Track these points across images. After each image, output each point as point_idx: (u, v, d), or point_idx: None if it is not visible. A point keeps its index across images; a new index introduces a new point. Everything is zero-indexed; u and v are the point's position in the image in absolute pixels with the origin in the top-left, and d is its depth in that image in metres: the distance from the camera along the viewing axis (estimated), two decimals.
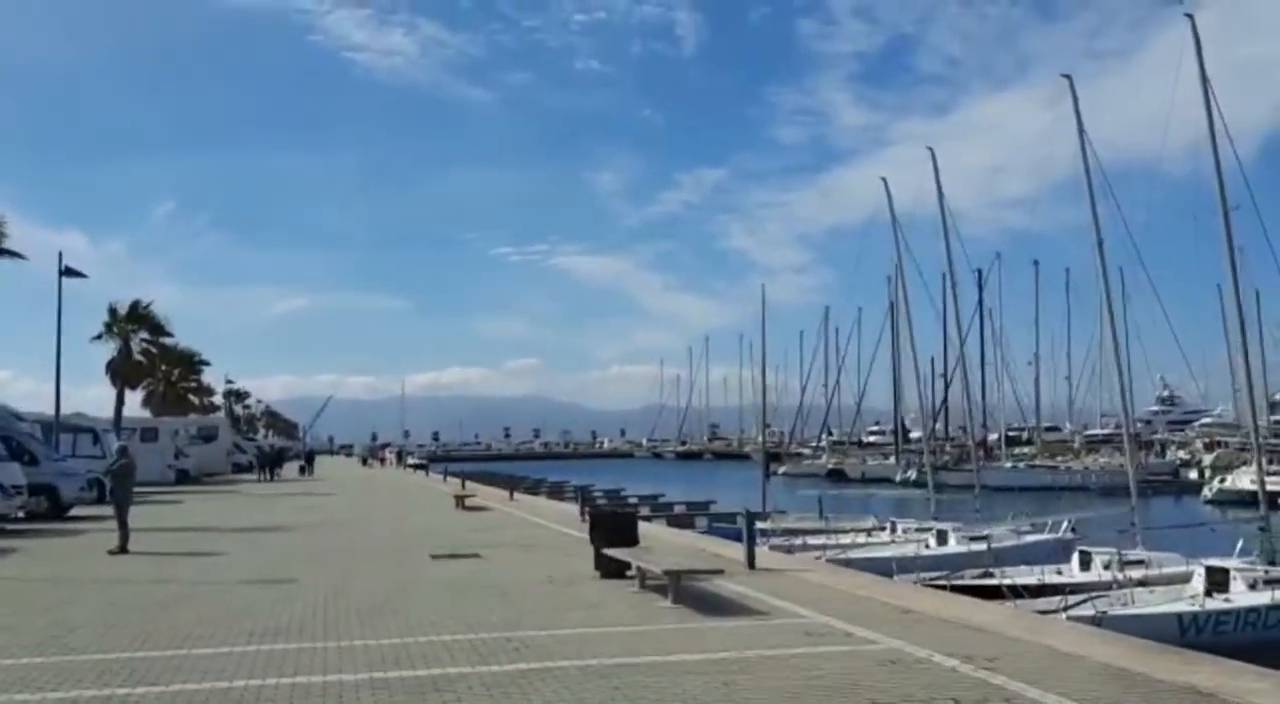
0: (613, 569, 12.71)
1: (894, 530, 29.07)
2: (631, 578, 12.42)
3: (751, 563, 13.61)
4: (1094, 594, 17.98)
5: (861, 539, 28.23)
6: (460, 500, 28.77)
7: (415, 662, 8.03)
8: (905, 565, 21.67)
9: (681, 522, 33.96)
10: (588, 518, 15.05)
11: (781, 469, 73.30)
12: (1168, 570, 20.39)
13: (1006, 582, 19.31)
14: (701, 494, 49.47)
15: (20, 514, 24.22)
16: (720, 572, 11.11)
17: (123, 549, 17.02)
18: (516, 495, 33.55)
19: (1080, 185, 26.68)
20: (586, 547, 16.32)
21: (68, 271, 32.78)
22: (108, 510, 29.27)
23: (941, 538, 26.09)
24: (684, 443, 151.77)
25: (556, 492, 51.22)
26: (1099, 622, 15.12)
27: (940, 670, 7.52)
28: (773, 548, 24.12)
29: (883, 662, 7.83)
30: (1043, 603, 17.66)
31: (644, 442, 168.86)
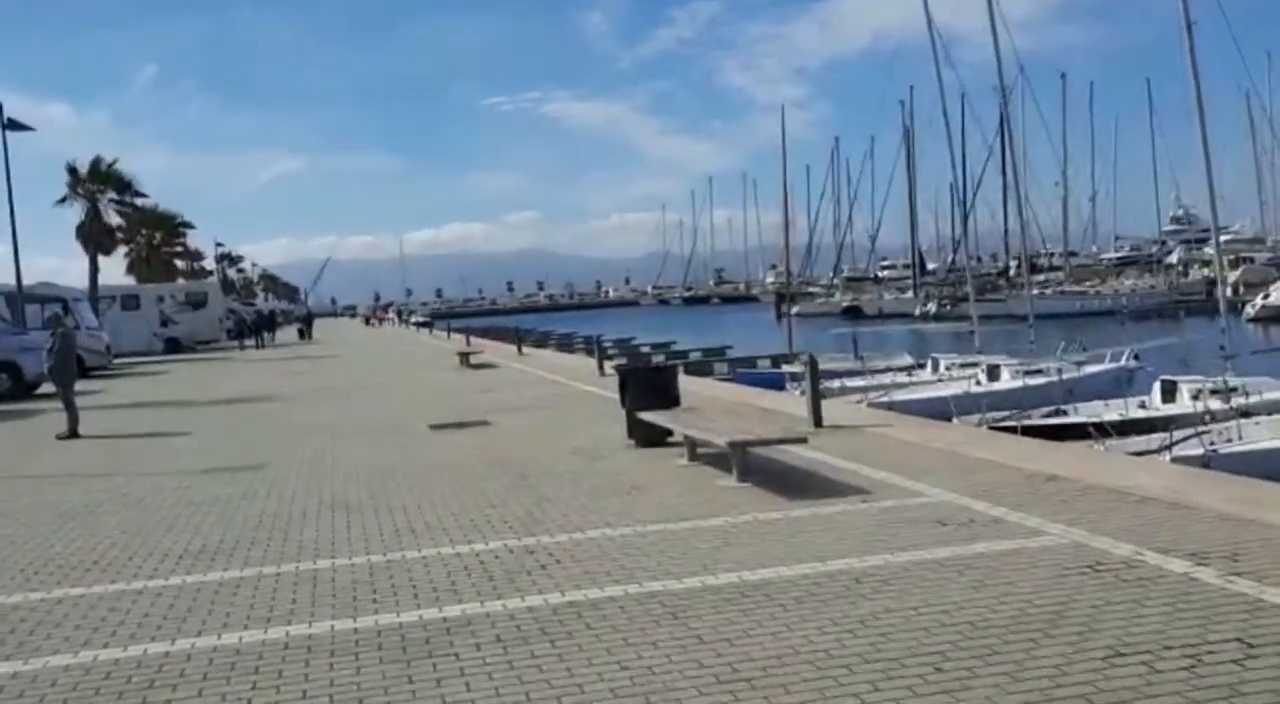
0: (650, 436, 10.27)
1: (936, 368, 26.66)
2: (675, 445, 9.98)
3: (818, 420, 11.14)
4: (1197, 429, 15.64)
5: (902, 379, 25.88)
6: (465, 358, 26.35)
7: (401, 596, 5.59)
8: (964, 406, 19.32)
9: (701, 369, 31.58)
10: (616, 375, 12.50)
11: (794, 309, 70.81)
12: (1269, 396, 17.99)
13: (1089, 419, 16.97)
14: (714, 339, 47.13)
15: None
16: (803, 439, 8.60)
17: (72, 433, 14.66)
18: (525, 349, 31.11)
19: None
20: (610, 405, 13.89)
21: (10, 124, 29.55)
22: (80, 386, 27.05)
23: (993, 373, 23.67)
24: (690, 288, 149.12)
25: (566, 344, 48.93)
26: (1207, 462, 12.85)
27: (1175, 582, 5.06)
28: (805, 393, 21.77)
29: (1079, 568, 5.35)
30: (1135, 443, 15.37)
31: (649, 289, 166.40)
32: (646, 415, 10.07)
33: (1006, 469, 8.19)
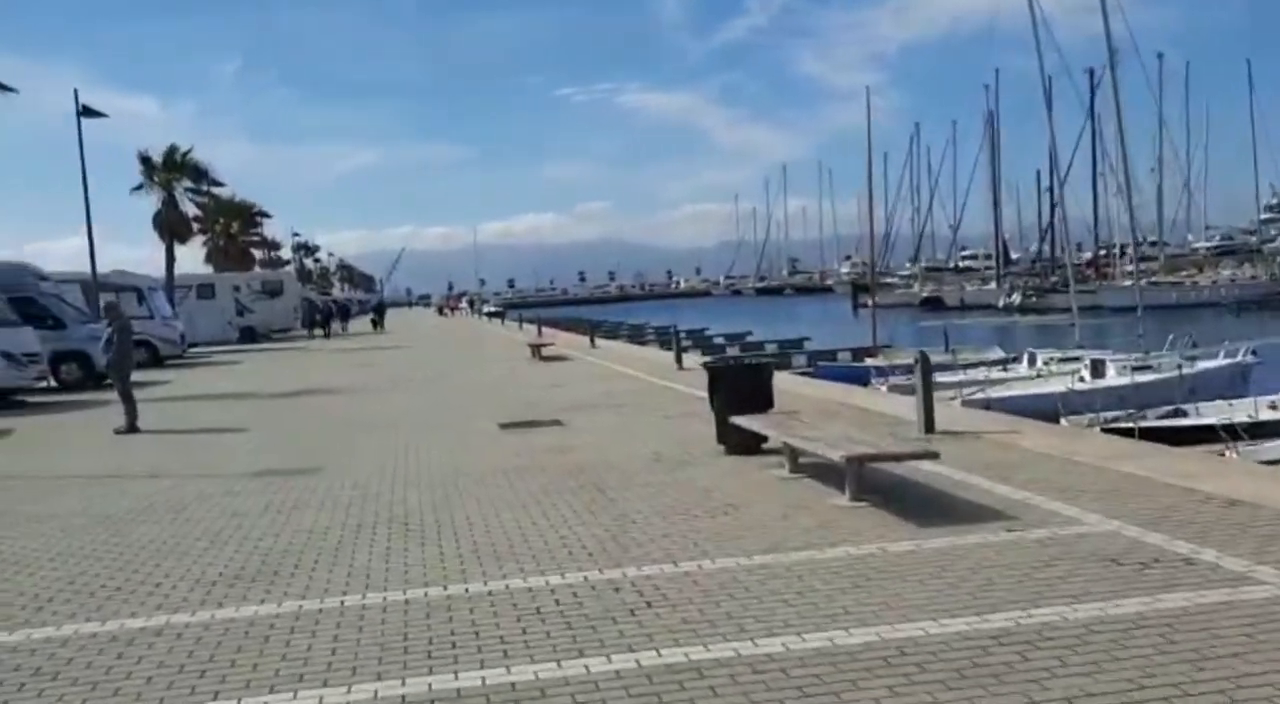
0: (743, 442, 9.18)
1: (1033, 362, 25.10)
2: (771, 453, 8.89)
3: (930, 424, 9.94)
4: None
5: (997, 374, 24.36)
6: (536, 350, 25.50)
7: (461, 650, 4.60)
8: (1072, 404, 17.91)
9: (778, 362, 30.29)
10: (697, 370, 11.43)
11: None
12: None
13: (1217, 421, 15.45)
14: (789, 331, 45.79)
15: (47, 383, 21.60)
16: (934, 455, 7.42)
17: (131, 428, 14.03)
18: (598, 341, 30.16)
19: None
20: (692, 403, 12.90)
21: (86, 111, 29.37)
22: (151, 376, 26.81)
23: (1098, 369, 22.11)
24: (763, 278, 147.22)
25: (637, 335, 47.98)
26: None
27: None
28: (892, 389, 20.48)
29: None
30: (1273, 448, 13.88)
31: (720, 279, 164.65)
32: (741, 420, 8.96)
33: (1173, 489, 6.94)
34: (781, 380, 16.75)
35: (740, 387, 9.70)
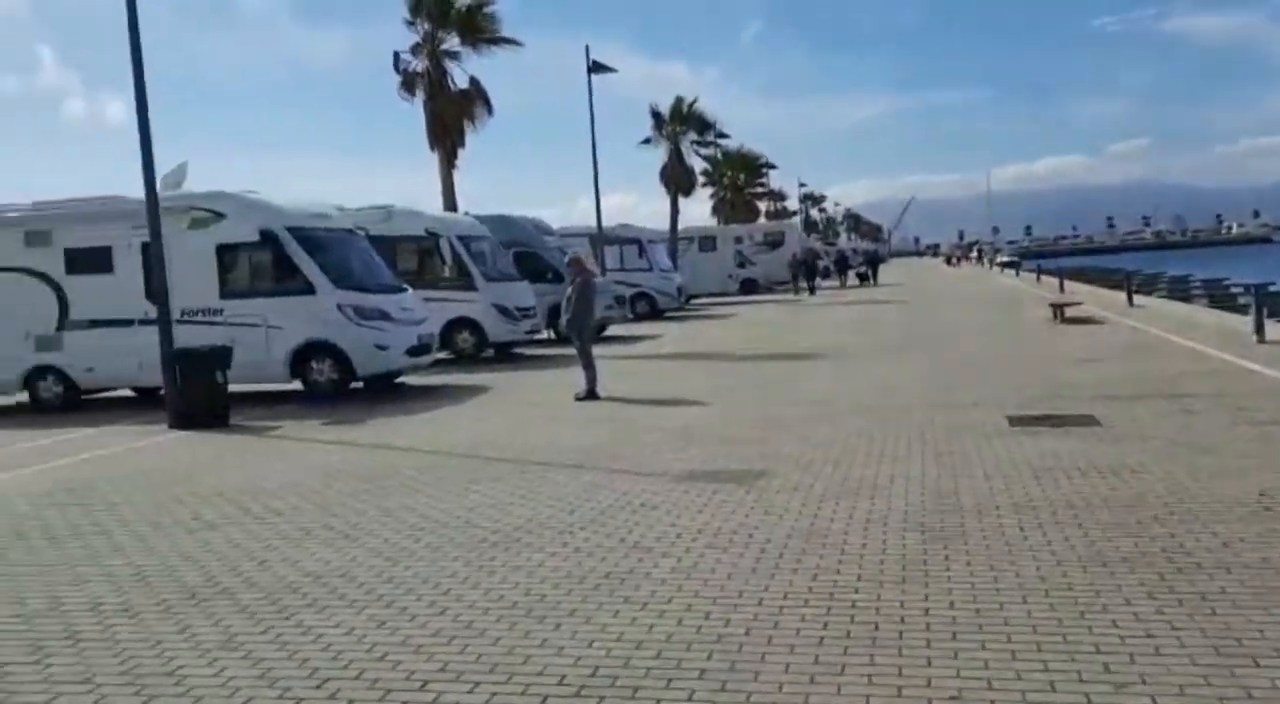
0: None
1: None
2: None
3: None
4: None
5: None
6: (1058, 310, 21.38)
7: None
8: None
9: None
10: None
11: None
12: None
13: None
14: None
15: (542, 335, 21.76)
16: None
17: (590, 394, 12.85)
18: (1137, 299, 25.01)
19: None
20: None
21: (595, 67, 29.86)
22: (644, 328, 26.59)
23: None
24: None
25: (1180, 289, 40.66)
26: None
27: None
28: None
29: None
30: None
31: None
32: None
33: None
34: None
35: None
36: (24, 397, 15.18)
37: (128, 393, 15.75)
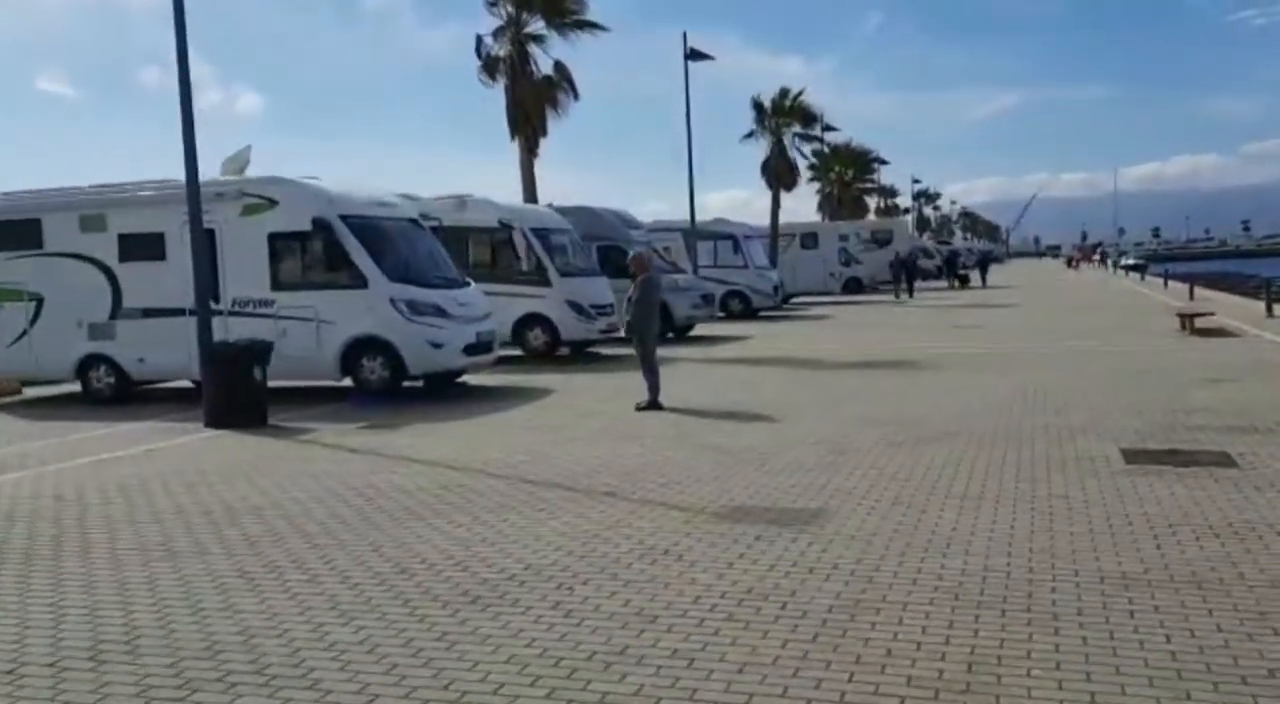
0: None
1: None
2: None
3: None
4: None
5: None
6: (1187, 320, 19.42)
7: None
8: None
9: None
10: None
11: None
12: None
13: None
14: None
15: (619, 334, 20.68)
16: None
17: (653, 404, 11.76)
18: (1277, 309, 22.71)
19: None
20: None
21: (693, 54, 28.71)
22: (736, 329, 25.30)
23: None
24: None
25: None
26: None
27: None
28: None
29: None
30: None
31: None
32: None
33: None
34: None
35: None
36: (76, 387, 14.79)
37: (186, 384, 15.26)
